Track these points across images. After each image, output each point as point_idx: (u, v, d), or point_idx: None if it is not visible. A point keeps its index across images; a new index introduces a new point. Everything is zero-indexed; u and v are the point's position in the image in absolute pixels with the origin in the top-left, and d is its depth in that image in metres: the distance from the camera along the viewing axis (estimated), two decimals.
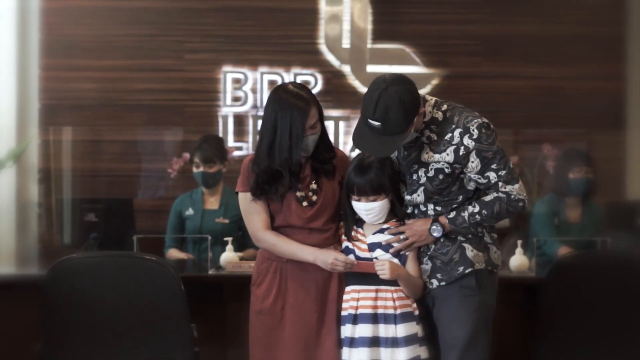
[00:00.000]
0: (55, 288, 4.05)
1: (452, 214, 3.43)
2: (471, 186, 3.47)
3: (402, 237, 3.49)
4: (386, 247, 3.53)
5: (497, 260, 3.54)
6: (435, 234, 3.45)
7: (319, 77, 6.96)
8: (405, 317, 3.47)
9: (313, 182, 3.60)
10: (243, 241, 5.01)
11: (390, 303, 3.47)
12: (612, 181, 6.84)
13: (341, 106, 6.97)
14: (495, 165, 3.40)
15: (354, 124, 6.96)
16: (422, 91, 7.03)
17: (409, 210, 3.57)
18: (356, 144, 3.44)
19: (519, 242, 4.66)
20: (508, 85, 6.99)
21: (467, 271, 3.44)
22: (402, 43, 7.03)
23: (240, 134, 6.95)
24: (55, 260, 4.11)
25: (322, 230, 3.60)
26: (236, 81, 6.96)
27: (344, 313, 3.52)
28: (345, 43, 7.03)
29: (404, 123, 3.33)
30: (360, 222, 3.61)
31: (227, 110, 6.98)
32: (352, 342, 3.47)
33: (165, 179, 6.63)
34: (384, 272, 3.43)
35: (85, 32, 6.86)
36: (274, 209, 3.59)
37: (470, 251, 3.46)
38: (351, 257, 3.53)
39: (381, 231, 3.56)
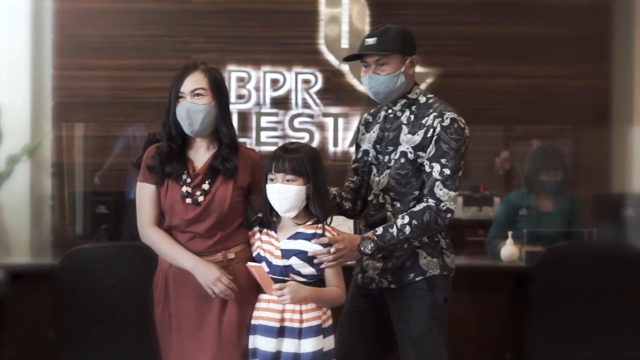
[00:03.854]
0: (68, 277, 4.04)
1: (380, 231, 3.14)
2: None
3: (332, 249, 3.04)
4: (301, 254, 3.06)
5: (451, 264, 3.32)
6: (366, 251, 3.12)
7: (319, 75, 6.94)
8: (312, 332, 3.04)
9: (207, 182, 3.11)
10: None
11: (296, 316, 3.04)
12: (598, 175, 6.85)
13: (340, 104, 6.96)
14: (444, 160, 3.19)
15: (353, 121, 7.02)
16: None
17: (370, 197, 3.33)
18: (346, 57, 3.37)
19: (510, 233, 4.66)
20: (499, 84, 6.98)
21: (417, 279, 3.25)
22: None
23: (244, 130, 6.93)
24: (67, 250, 4.10)
25: (206, 236, 3.10)
26: (240, 80, 6.95)
27: (253, 322, 3.09)
28: (344, 43, 7.02)
29: (399, 43, 3.23)
30: (273, 226, 3.14)
31: (232, 107, 6.92)
32: (255, 354, 3.08)
33: None
34: (284, 299, 3.00)
35: (96, 33, 6.85)
36: (163, 206, 3.14)
37: (423, 258, 3.26)
38: (263, 265, 3.07)
39: (296, 236, 3.09)
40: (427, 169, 3.20)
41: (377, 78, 3.24)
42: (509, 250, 4.60)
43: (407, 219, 3.13)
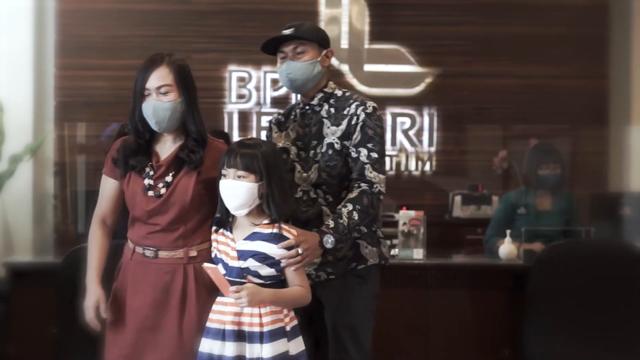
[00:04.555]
0: (70, 275, 4.01)
1: (332, 224, 3.04)
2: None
3: (299, 250, 2.91)
4: (258, 255, 2.90)
5: (387, 253, 3.34)
6: (328, 246, 3.00)
7: None
8: (274, 335, 2.86)
9: (170, 174, 2.98)
10: None
11: (256, 320, 2.86)
12: (595, 174, 6.85)
13: None
14: (371, 145, 3.16)
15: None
16: (417, 89, 7.17)
17: (298, 195, 3.23)
18: (263, 45, 3.27)
19: (508, 231, 4.66)
20: (497, 83, 6.99)
21: (359, 267, 3.24)
22: (397, 44, 7.01)
23: (244, 129, 6.94)
24: (70, 248, 4.10)
25: (168, 230, 2.96)
26: (241, 79, 6.95)
27: (209, 324, 2.90)
28: (344, 43, 7.02)
29: (315, 34, 3.25)
30: (229, 226, 2.97)
31: (233, 107, 6.97)
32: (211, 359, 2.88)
33: None
34: (242, 303, 2.81)
35: (98, 33, 6.85)
36: (126, 198, 3.02)
37: (364, 248, 3.25)
38: (220, 267, 2.91)
39: (253, 237, 2.92)
40: (354, 155, 3.17)
41: (295, 64, 3.22)
42: (507, 248, 4.60)
43: (350, 206, 3.08)
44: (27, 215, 6.20)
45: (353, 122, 3.18)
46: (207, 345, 2.88)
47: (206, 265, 2.85)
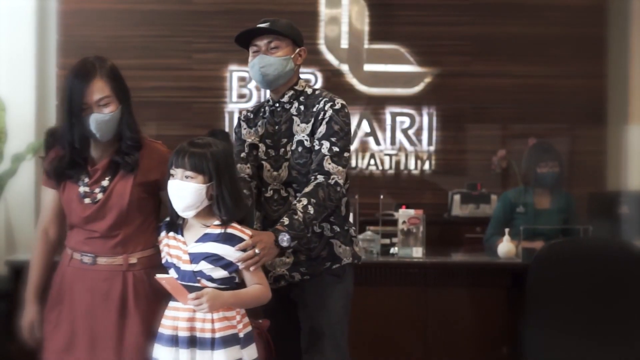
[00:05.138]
0: None
1: (286, 221, 2.93)
2: None
3: (257, 250, 2.82)
4: (211, 257, 2.79)
5: (359, 252, 3.30)
6: (284, 244, 2.91)
7: (319, 75, 6.94)
8: (226, 342, 2.76)
9: (107, 179, 2.89)
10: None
11: (208, 325, 2.75)
12: (593, 173, 6.85)
13: None
14: (334, 138, 3.10)
15: (352, 120, 6.99)
16: (416, 89, 7.16)
17: (268, 194, 3.18)
18: (237, 36, 3.24)
19: (507, 230, 4.65)
20: (496, 83, 6.98)
21: (334, 267, 3.17)
22: (397, 43, 7.01)
23: None
24: None
25: (106, 236, 2.86)
26: (241, 79, 6.94)
27: (161, 330, 2.79)
28: (344, 43, 7.02)
29: (291, 30, 3.19)
30: (180, 228, 2.87)
31: (233, 106, 6.96)
32: None
33: None
34: (202, 309, 2.72)
35: (100, 33, 6.84)
36: (63, 206, 2.94)
37: (338, 247, 3.18)
38: (172, 272, 2.81)
39: (204, 238, 2.81)
40: (316, 147, 3.11)
41: (268, 59, 3.15)
42: (505, 247, 4.59)
43: (305, 200, 2.98)
44: (30, 214, 6.20)
45: (319, 118, 3.14)
46: (160, 351, 2.78)
47: (159, 276, 2.73)
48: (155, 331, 2.82)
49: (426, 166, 7.02)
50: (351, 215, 3.60)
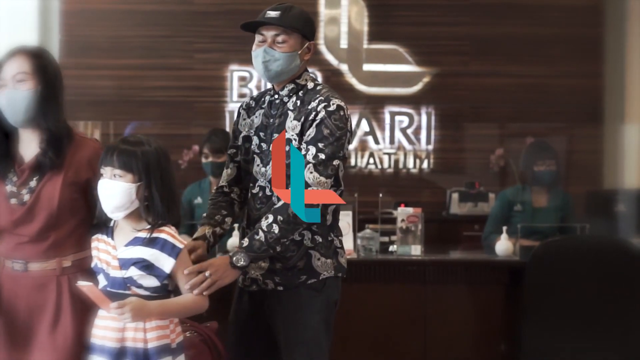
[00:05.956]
0: None
1: (246, 242, 2.75)
2: None
3: (207, 274, 2.67)
4: (140, 263, 2.58)
5: (344, 264, 2.98)
6: (240, 264, 2.73)
7: (319, 75, 6.93)
8: (159, 353, 2.58)
9: (35, 179, 2.65)
10: None
11: (140, 335, 2.56)
12: (591, 171, 6.84)
13: None
14: (322, 144, 2.81)
15: (352, 119, 7.00)
16: (415, 88, 7.14)
17: (255, 190, 2.95)
18: (244, 24, 2.95)
19: (504, 228, 4.65)
20: (494, 83, 6.97)
21: (310, 281, 2.89)
22: (396, 43, 7.00)
23: None
24: None
25: (37, 240, 2.64)
26: (242, 79, 6.94)
27: (93, 341, 2.61)
28: (343, 43, 7.01)
29: (302, 24, 2.91)
30: (110, 231, 2.67)
31: (234, 105, 6.95)
32: None
33: (176, 169, 6.64)
34: (125, 319, 2.51)
35: (102, 33, 6.84)
36: None
37: (317, 259, 2.90)
38: (101, 278, 2.63)
39: (134, 242, 2.61)
40: (303, 152, 2.83)
41: (273, 53, 2.88)
42: (503, 244, 4.58)
43: (271, 218, 2.75)
44: None
45: (310, 118, 2.86)
46: None
47: (80, 283, 2.53)
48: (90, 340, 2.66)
49: (425, 165, 7.01)
50: (349, 224, 3.52)
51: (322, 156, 2.81)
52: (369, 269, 4.41)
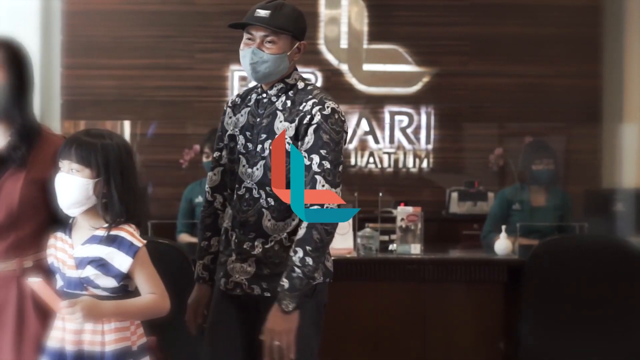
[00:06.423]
0: None
1: (286, 283, 2.66)
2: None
3: (276, 343, 2.64)
4: (97, 263, 2.43)
5: (331, 267, 2.88)
6: (290, 307, 2.66)
7: (319, 75, 6.93)
8: (118, 356, 2.43)
9: None
10: None
11: (98, 338, 2.41)
12: (589, 171, 6.84)
13: (339, 102, 6.82)
14: (324, 151, 2.72)
15: (351, 118, 7.01)
16: (414, 88, 7.14)
17: (241, 192, 2.84)
18: (232, 24, 2.84)
19: (504, 227, 4.64)
20: (493, 83, 6.96)
21: None
22: (396, 44, 6.99)
23: None
24: None
25: None
26: (243, 79, 6.93)
27: (48, 343, 2.46)
28: (343, 43, 7.00)
29: (293, 24, 2.78)
30: (69, 229, 2.52)
31: None
32: None
33: (177, 168, 6.65)
34: (75, 320, 2.35)
35: (104, 33, 6.83)
36: None
37: None
38: (58, 277, 2.49)
39: (91, 240, 2.47)
40: (307, 162, 2.72)
41: (261, 55, 2.76)
42: (503, 243, 4.58)
43: (301, 252, 2.67)
44: None
45: (305, 122, 2.75)
46: None
47: (30, 280, 2.37)
48: None
49: (424, 164, 7.01)
50: (349, 223, 3.50)
51: (327, 165, 2.73)
52: (368, 267, 4.41)
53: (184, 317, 2.97)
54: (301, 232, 2.71)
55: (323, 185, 2.71)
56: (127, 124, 6.89)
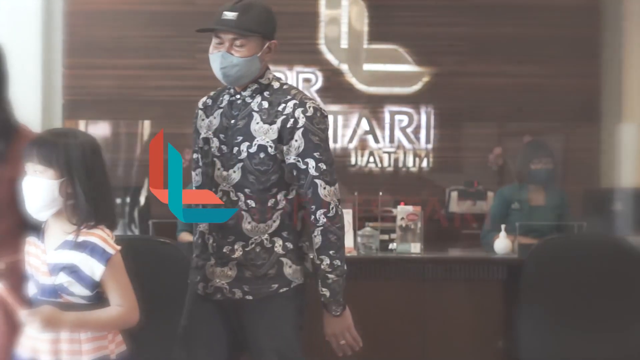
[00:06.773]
0: None
1: (327, 292, 2.74)
2: (288, 178, 2.77)
3: (342, 342, 2.78)
4: (70, 270, 2.31)
5: (310, 268, 2.85)
6: (339, 312, 2.78)
7: (319, 75, 6.93)
8: None
9: None
10: None
11: (76, 347, 2.32)
12: (588, 170, 6.84)
13: (339, 102, 6.95)
14: (317, 154, 2.71)
15: (352, 118, 7.02)
16: (414, 88, 7.15)
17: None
18: (200, 29, 2.80)
19: (503, 226, 4.64)
20: (492, 83, 6.96)
21: (282, 290, 2.76)
22: (396, 44, 6.99)
23: None
24: None
25: None
26: None
27: (19, 350, 2.37)
28: (344, 43, 7.00)
29: (262, 25, 2.73)
30: (41, 234, 2.40)
31: None
32: None
33: None
34: (35, 329, 2.25)
35: (106, 33, 6.83)
36: None
37: (288, 267, 2.77)
38: (31, 284, 2.38)
39: (65, 245, 2.35)
40: (301, 166, 2.71)
41: (231, 59, 2.73)
42: (502, 242, 4.59)
43: (327, 259, 2.74)
44: None
45: (289, 126, 2.71)
46: None
47: None
48: None
49: (424, 164, 7.01)
50: (349, 222, 3.51)
51: (323, 166, 2.73)
52: (368, 266, 4.41)
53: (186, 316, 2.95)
54: (317, 239, 2.74)
55: (324, 188, 2.72)
56: (127, 124, 6.89)
